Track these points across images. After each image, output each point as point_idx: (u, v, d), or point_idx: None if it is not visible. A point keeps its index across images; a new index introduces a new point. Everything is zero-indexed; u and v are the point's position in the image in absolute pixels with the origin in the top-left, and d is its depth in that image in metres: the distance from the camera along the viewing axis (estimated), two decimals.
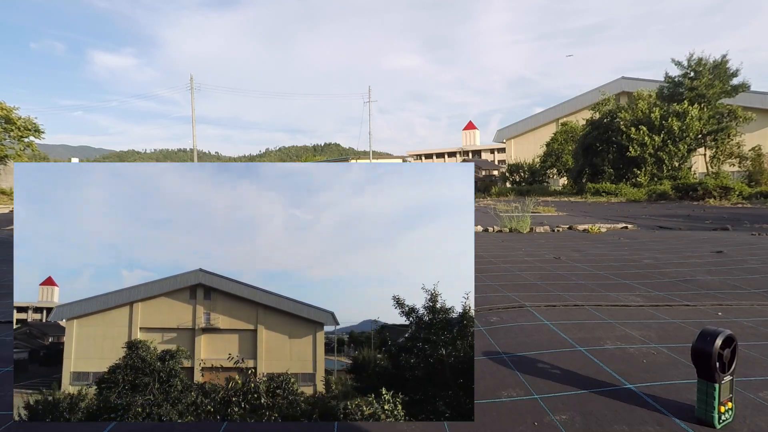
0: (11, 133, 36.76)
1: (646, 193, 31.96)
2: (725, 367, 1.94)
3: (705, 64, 34.73)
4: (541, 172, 53.08)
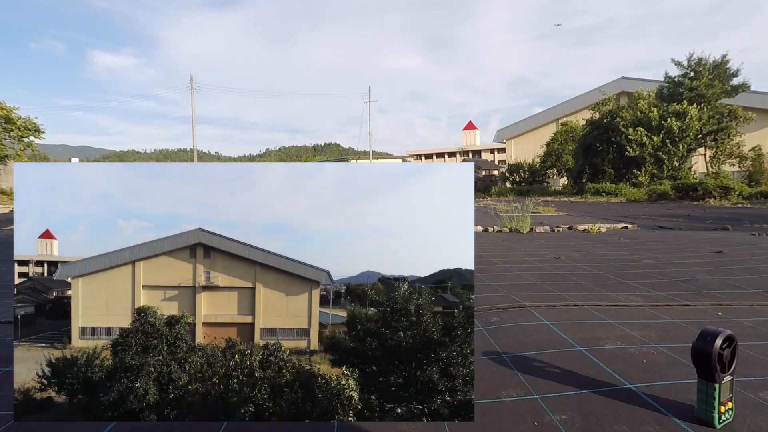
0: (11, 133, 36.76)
1: (646, 193, 31.97)
2: (725, 367, 1.94)
3: (705, 64, 34.74)
4: (541, 172, 53.08)
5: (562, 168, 51.14)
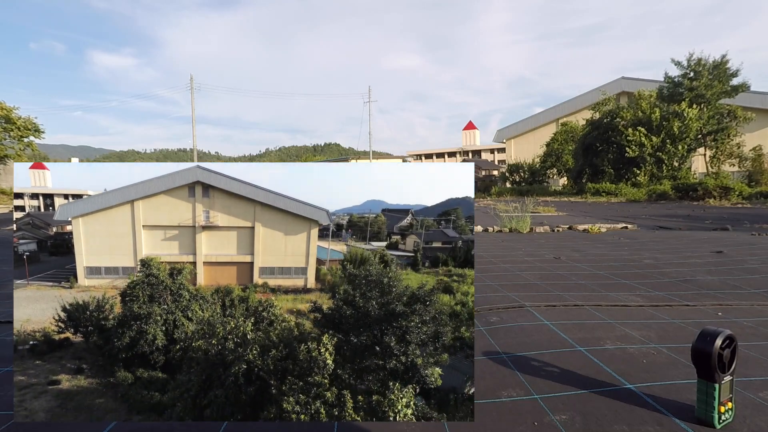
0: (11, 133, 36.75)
1: (646, 193, 31.97)
2: (725, 367, 1.94)
3: (705, 65, 34.74)
4: (541, 172, 53.07)
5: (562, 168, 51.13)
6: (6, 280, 5.75)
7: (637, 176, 36.75)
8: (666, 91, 37.15)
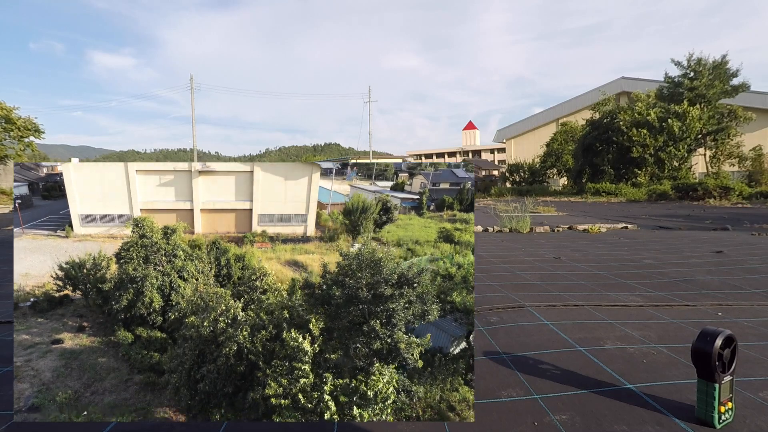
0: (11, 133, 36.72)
1: (646, 193, 31.97)
2: (725, 367, 1.94)
3: (705, 65, 34.74)
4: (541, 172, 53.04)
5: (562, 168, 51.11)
6: (6, 280, 5.74)
7: (637, 176, 36.74)
8: (666, 91, 37.14)
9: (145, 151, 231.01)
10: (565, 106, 59.75)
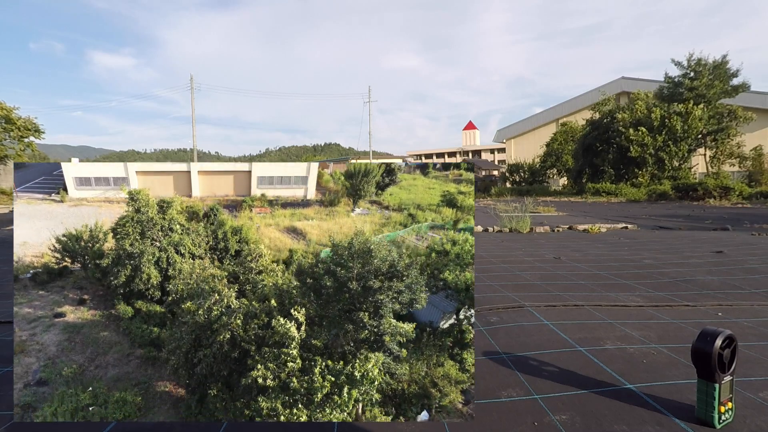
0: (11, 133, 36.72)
1: (646, 193, 31.96)
2: (725, 367, 1.94)
3: (705, 65, 34.72)
4: (541, 172, 53.01)
5: (562, 168, 51.09)
6: (6, 280, 5.74)
7: (637, 176, 36.73)
8: (666, 91, 37.13)
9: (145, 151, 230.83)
10: (565, 106, 59.72)
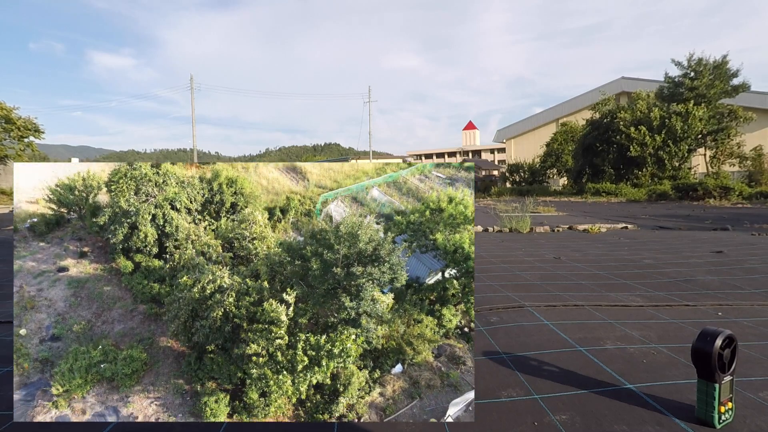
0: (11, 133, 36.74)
1: (646, 193, 31.96)
2: (725, 367, 1.94)
3: (705, 65, 34.72)
4: (541, 172, 53.02)
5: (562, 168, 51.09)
6: (6, 281, 5.74)
7: (637, 176, 36.72)
8: (666, 91, 37.13)
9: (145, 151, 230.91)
10: (565, 106, 59.72)
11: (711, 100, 34.66)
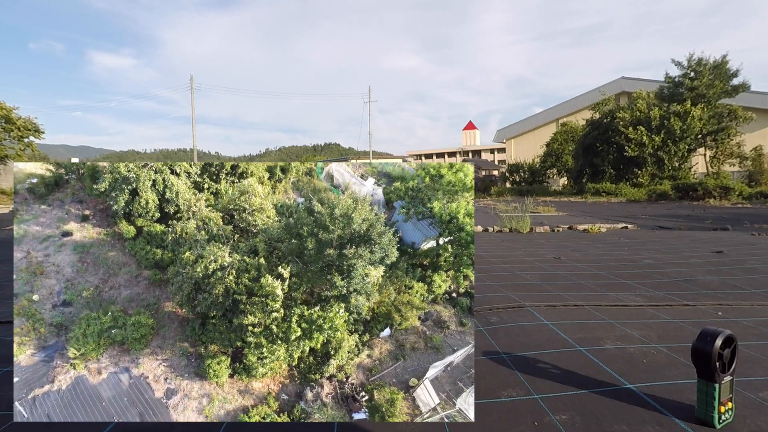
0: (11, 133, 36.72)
1: (646, 193, 31.96)
2: (725, 367, 1.94)
3: (705, 65, 34.72)
4: (541, 172, 53.02)
5: (562, 168, 51.09)
6: (6, 281, 5.74)
7: (637, 176, 36.72)
8: (666, 91, 37.13)
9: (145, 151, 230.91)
10: (565, 106, 59.72)
11: (711, 100, 34.65)
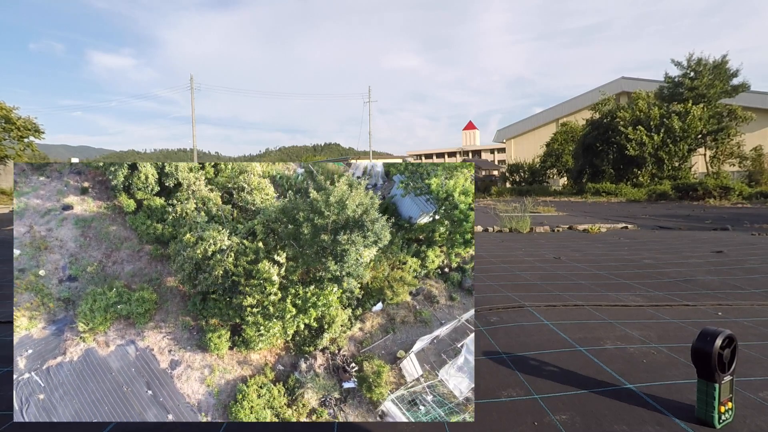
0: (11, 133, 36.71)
1: (646, 193, 31.96)
2: (725, 367, 1.94)
3: (705, 64, 34.73)
4: (541, 172, 53.02)
5: (562, 168, 51.10)
6: (6, 281, 5.74)
7: (637, 176, 36.72)
8: (666, 91, 37.14)
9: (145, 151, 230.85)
10: (565, 106, 59.72)
11: (711, 100, 34.66)
